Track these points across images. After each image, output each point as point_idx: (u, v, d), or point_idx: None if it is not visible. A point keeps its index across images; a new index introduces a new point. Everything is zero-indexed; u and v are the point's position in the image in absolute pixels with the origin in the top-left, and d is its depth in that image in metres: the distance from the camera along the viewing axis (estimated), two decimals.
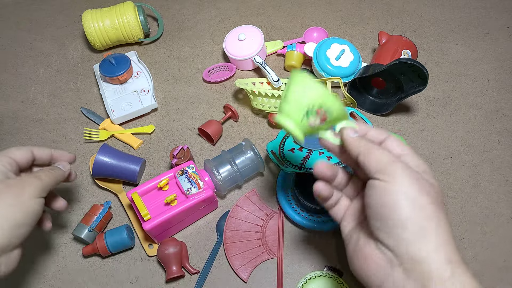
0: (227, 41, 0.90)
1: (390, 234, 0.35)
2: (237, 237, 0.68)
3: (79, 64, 0.95)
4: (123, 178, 0.72)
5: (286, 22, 1.01)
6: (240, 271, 0.65)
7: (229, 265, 0.66)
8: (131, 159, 0.72)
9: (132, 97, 0.85)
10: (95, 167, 0.70)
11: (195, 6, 1.05)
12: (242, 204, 0.72)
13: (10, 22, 1.04)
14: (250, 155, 0.71)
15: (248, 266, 0.66)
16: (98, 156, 0.70)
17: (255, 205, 0.72)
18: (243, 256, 0.67)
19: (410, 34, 0.97)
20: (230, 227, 0.69)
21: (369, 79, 0.84)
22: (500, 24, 0.98)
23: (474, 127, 0.82)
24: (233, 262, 0.66)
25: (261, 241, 0.68)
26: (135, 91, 0.86)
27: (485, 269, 0.65)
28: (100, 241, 0.65)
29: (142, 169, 0.76)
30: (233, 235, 0.68)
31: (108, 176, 0.73)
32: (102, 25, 0.90)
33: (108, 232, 0.67)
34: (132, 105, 0.84)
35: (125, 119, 0.82)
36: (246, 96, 0.87)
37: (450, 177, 0.75)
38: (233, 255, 0.67)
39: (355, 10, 1.03)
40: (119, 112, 0.83)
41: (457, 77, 0.89)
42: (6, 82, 0.92)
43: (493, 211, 0.71)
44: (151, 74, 0.89)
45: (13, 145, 0.81)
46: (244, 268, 0.66)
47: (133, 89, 0.86)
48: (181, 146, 0.74)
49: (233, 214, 0.70)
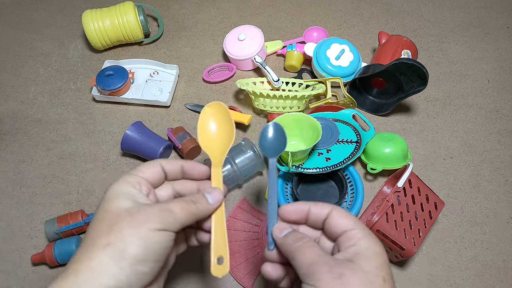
0: (227, 41, 0.90)
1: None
2: (236, 247, 0.67)
3: (79, 64, 0.95)
4: (147, 156, 0.75)
5: (286, 22, 1.01)
6: (244, 281, 0.65)
7: (232, 276, 0.65)
8: (157, 140, 0.75)
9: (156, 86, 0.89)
10: (124, 141, 0.74)
11: (195, 6, 1.05)
12: (235, 215, 0.71)
13: (10, 22, 1.04)
14: (249, 154, 0.71)
15: (251, 274, 0.65)
16: (127, 131, 0.74)
17: (248, 213, 0.71)
18: (245, 266, 0.66)
19: (410, 34, 0.97)
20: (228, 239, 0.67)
21: (369, 79, 0.84)
22: (500, 24, 0.98)
23: (474, 127, 0.82)
24: (236, 273, 0.65)
25: (260, 247, 0.67)
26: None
27: (485, 269, 0.65)
28: (48, 251, 0.63)
29: (167, 153, 0.78)
30: (232, 246, 0.67)
31: (134, 152, 0.76)
32: (102, 25, 0.90)
33: (59, 242, 0.65)
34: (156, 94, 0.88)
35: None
36: (247, 96, 0.87)
37: (450, 177, 0.75)
38: (235, 266, 0.66)
39: (355, 10, 1.03)
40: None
41: (457, 77, 0.89)
42: (6, 82, 0.92)
43: (493, 211, 0.71)
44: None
45: (13, 145, 0.81)
46: (248, 278, 0.65)
47: None
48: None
49: (228, 226, 0.69)
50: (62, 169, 0.78)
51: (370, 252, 0.33)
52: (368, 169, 0.71)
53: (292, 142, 0.73)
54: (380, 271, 0.32)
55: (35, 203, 0.74)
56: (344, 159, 0.68)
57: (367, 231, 0.34)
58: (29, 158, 0.80)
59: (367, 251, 0.33)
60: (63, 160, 0.79)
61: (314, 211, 0.37)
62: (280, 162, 0.72)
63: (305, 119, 0.69)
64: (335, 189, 0.72)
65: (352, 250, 0.33)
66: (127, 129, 0.74)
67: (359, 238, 0.34)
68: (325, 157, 0.69)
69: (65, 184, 0.76)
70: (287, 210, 0.39)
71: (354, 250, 0.33)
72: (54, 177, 0.77)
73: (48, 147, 0.81)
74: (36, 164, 0.79)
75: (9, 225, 0.72)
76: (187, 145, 0.74)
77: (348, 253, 0.33)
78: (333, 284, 0.31)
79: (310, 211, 0.38)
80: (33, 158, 0.80)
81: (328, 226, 0.36)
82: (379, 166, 0.70)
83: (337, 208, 0.36)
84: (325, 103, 0.80)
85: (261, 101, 0.78)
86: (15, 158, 0.80)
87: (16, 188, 0.76)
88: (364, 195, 0.69)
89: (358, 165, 0.77)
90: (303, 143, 0.72)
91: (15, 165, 0.79)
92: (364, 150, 0.73)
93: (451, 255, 0.67)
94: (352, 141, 0.72)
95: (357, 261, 0.32)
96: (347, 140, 0.72)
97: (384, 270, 0.32)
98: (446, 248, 0.67)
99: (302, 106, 0.79)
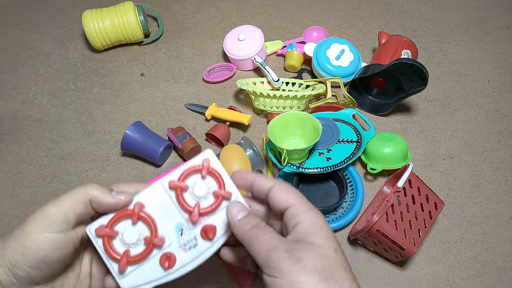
0: (227, 41, 0.90)
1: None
2: None
3: (79, 64, 0.95)
4: (147, 155, 0.75)
5: (286, 22, 1.01)
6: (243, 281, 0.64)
7: (231, 277, 0.65)
8: (157, 140, 0.75)
9: None
10: (124, 141, 0.74)
11: (195, 6, 1.05)
12: None
13: (10, 22, 1.04)
14: (249, 153, 0.71)
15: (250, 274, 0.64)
16: (127, 131, 0.74)
17: None
18: None
19: (410, 34, 0.97)
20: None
21: (369, 79, 0.84)
22: (500, 24, 0.98)
23: (474, 127, 0.82)
24: (235, 273, 0.65)
25: None
26: None
27: (485, 269, 0.65)
28: None
29: (167, 153, 0.78)
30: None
31: (134, 152, 0.75)
32: (102, 25, 0.90)
33: None
34: None
35: None
36: (247, 96, 0.87)
37: (450, 177, 0.75)
38: (234, 266, 0.65)
39: (355, 10, 1.03)
40: None
41: (457, 77, 0.89)
42: (6, 82, 0.92)
43: (493, 211, 0.71)
44: None
45: (13, 145, 0.81)
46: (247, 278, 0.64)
47: None
48: None
49: None
50: (62, 169, 0.78)
51: (316, 227, 0.33)
52: (368, 169, 0.71)
53: (293, 140, 0.73)
54: (330, 242, 0.33)
55: (35, 203, 0.74)
56: (345, 159, 0.68)
57: (309, 205, 0.35)
58: (29, 158, 0.80)
59: (313, 225, 0.33)
60: (63, 160, 0.79)
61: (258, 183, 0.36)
62: (277, 159, 0.72)
63: (308, 119, 0.69)
64: (335, 189, 0.72)
65: (300, 228, 0.33)
66: (127, 129, 0.74)
67: (302, 212, 0.34)
68: (326, 156, 0.69)
69: (65, 184, 0.76)
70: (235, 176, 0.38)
71: (301, 228, 0.33)
72: (54, 177, 0.77)
73: (48, 147, 0.81)
74: (36, 164, 0.79)
75: (9, 225, 0.72)
76: (187, 145, 0.74)
77: (297, 232, 0.33)
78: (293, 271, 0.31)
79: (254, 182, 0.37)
80: (33, 158, 0.80)
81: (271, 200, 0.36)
82: (379, 166, 0.70)
83: (281, 183, 0.36)
84: (325, 103, 0.80)
85: (261, 101, 0.78)
86: (15, 158, 0.80)
87: (16, 188, 0.76)
88: (364, 195, 0.69)
89: (358, 165, 0.77)
90: (303, 142, 0.72)
91: (15, 165, 0.79)
92: (364, 150, 0.73)
93: (451, 255, 0.67)
94: (353, 140, 0.72)
95: (307, 238, 0.33)
96: (347, 139, 0.72)
97: (332, 240, 0.33)
98: (446, 248, 0.67)
99: (302, 106, 0.79)
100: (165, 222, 0.36)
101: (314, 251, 0.32)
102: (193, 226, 0.37)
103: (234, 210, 0.36)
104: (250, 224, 0.35)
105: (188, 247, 0.37)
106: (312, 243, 0.32)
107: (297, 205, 0.34)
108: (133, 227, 0.36)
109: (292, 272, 0.30)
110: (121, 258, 0.35)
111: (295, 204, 0.34)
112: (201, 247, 0.36)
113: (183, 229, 0.37)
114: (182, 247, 0.37)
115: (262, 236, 0.33)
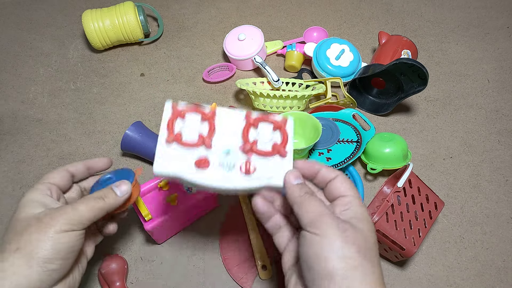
0: (227, 41, 0.90)
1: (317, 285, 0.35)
2: (235, 247, 0.67)
3: (79, 64, 0.95)
4: (147, 156, 0.74)
5: (286, 22, 1.01)
6: (243, 281, 0.64)
7: (231, 277, 0.64)
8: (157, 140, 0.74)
9: None
10: (124, 141, 0.73)
11: (195, 6, 1.05)
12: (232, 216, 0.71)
13: (10, 22, 1.04)
14: None
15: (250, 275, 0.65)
16: (127, 131, 0.73)
17: None
18: (244, 266, 0.65)
19: (410, 34, 0.97)
20: (227, 239, 0.67)
21: (369, 79, 0.84)
22: (500, 24, 0.99)
23: (474, 127, 0.82)
24: (234, 273, 0.65)
25: None
26: None
27: (485, 269, 0.65)
28: None
29: None
30: (231, 246, 0.67)
31: (134, 152, 0.75)
32: (102, 25, 0.90)
33: None
34: None
35: None
36: (247, 96, 0.87)
37: (450, 177, 0.75)
38: (234, 266, 0.65)
39: (355, 10, 1.03)
40: None
41: (457, 77, 0.89)
42: (6, 82, 0.92)
43: (493, 211, 0.71)
44: None
45: (13, 145, 0.81)
46: (247, 278, 0.65)
47: None
48: None
49: (227, 227, 0.69)
50: None
51: (363, 217, 0.38)
52: (368, 169, 0.71)
53: (294, 140, 0.73)
54: (373, 233, 0.37)
55: None
56: (345, 159, 0.68)
57: (360, 201, 0.39)
58: (29, 158, 0.80)
59: (361, 215, 0.38)
60: (63, 160, 0.79)
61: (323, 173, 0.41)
62: None
63: (308, 119, 0.70)
64: None
65: (348, 214, 0.38)
66: (127, 129, 0.74)
67: (355, 204, 0.39)
68: (326, 156, 0.70)
69: None
70: (302, 165, 0.43)
71: (349, 214, 0.38)
72: None
73: (48, 147, 0.81)
74: (36, 164, 0.79)
75: None
76: None
77: (344, 215, 0.38)
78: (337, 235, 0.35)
79: (320, 171, 0.42)
80: (33, 158, 0.80)
81: (331, 187, 0.40)
82: (379, 166, 0.70)
83: (343, 175, 0.41)
84: (325, 103, 0.80)
85: (261, 101, 0.78)
86: (15, 158, 0.80)
87: (16, 188, 0.76)
88: (364, 195, 0.70)
89: (358, 165, 0.77)
90: (303, 142, 0.72)
91: (15, 165, 0.79)
92: (364, 150, 0.73)
93: (451, 255, 0.67)
94: (353, 140, 0.72)
95: (354, 222, 0.37)
96: (347, 139, 0.72)
97: (374, 233, 0.38)
98: (446, 248, 0.67)
99: (302, 106, 0.79)
100: (221, 138, 0.42)
101: (358, 231, 0.36)
102: (239, 156, 0.42)
103: (292, 176, 0.41)
104: (303, 190, 0.39)
105: (224, 167, 0.41)
106: (357, 226, 0.36)
107: (353, 195, 0.39)
108: (197, 123, 0.42)
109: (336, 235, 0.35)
110: (174, 134, 0.42)
111: (351, 195, 0.39)
112: (233, 174, 0.41)
113: (231, 153, 0.42)
114: (219, 164, 0.41)
115: (313, 201, 0.38)
